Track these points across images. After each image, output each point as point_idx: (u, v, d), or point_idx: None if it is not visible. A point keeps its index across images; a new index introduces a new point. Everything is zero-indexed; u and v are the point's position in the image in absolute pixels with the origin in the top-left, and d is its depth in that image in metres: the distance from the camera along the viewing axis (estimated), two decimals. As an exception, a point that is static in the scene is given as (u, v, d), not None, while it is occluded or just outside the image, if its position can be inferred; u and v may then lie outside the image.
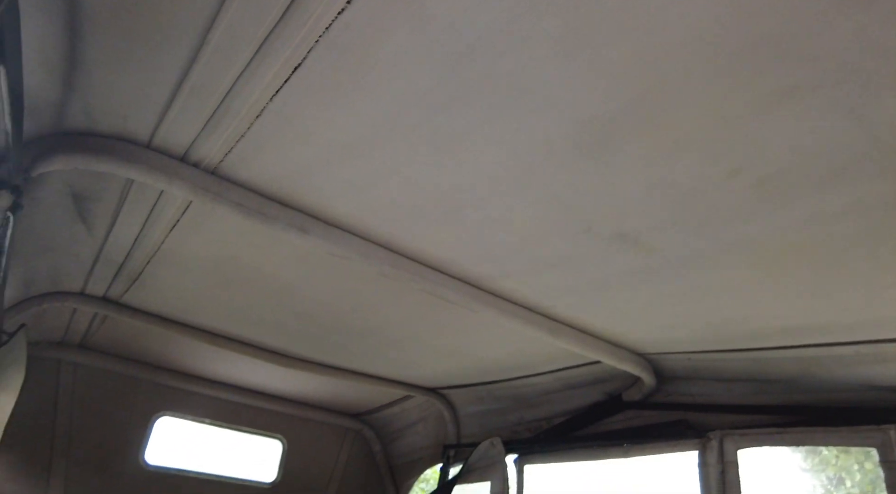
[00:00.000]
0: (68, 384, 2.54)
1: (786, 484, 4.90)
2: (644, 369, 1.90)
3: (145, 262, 1.67)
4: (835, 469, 4.85)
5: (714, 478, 1.78)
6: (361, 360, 2.44)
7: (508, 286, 1.51)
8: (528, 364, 2.19)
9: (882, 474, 1.45)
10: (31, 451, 2.40)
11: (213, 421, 2.92)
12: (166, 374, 2.75)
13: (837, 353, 1.49)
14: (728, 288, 1.26)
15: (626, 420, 2.13)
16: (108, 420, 2.61)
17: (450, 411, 2.87)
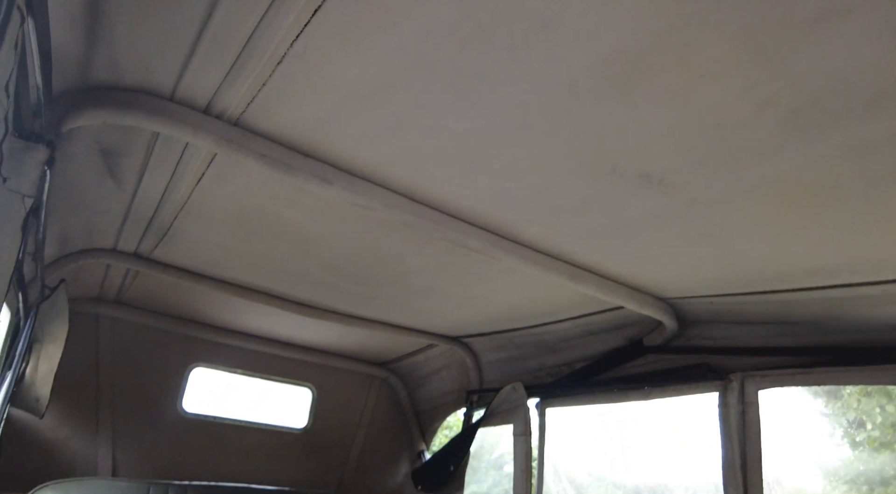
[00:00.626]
0: (107, 338, 2.66)
1: (806, 428, 4.98)
2: (666, 313, 1.92)
3: (173, 216, 1.71)
4: (856, 412, 4.89)
5: (734, 418, 1.81)
6: (386, 310, 2.50)
7: (530, 233, 1.52)
8: (549, 311, 2.22)
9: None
10: (80, 400, 2.55)
11: (245, 371, 3.04)
12: (198, 327, 2.86)
13: (864, 293, 1.48)
14: (755, 228, 1.25)
15: (647, 364, 2.16)
16: (146, 372, 2.74)
17: (472, 358, 2.94)
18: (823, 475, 4.94)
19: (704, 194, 1.13)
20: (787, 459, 4.73)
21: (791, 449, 4.80)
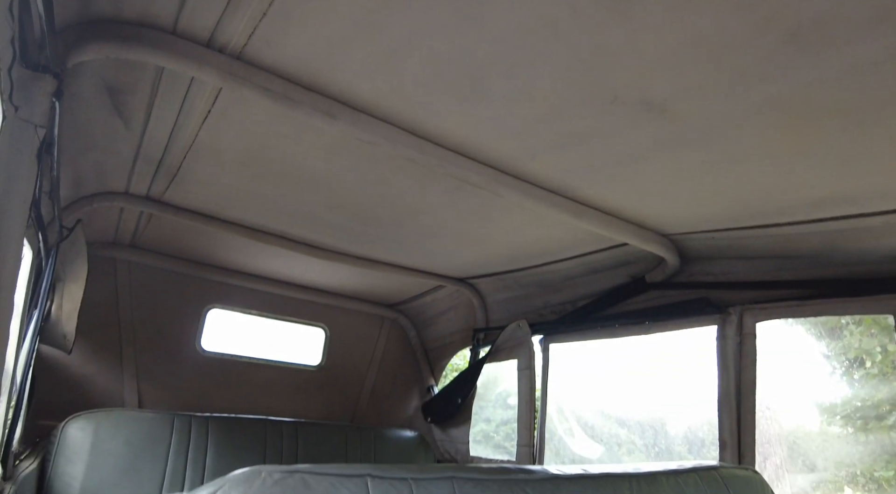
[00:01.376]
0: (125, 281, 2.75)
1: (808, 367, 5.16)
2: (668, 249, 1.94)
3: (182, 157, 1.74)
4: (857, 352, 5.02)
5: (731, 349, 1.88)
6: (394, 251, 2.55)
7: (533, 168, 1.53)
8: (553, 250, 2.26)
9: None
10: (103, 339, 2.67)
11: (260, 312, 3.15)
12: (213, 270, 2.95)
13: (865, 225, 1.49)
14: (755, 157, 1.26)
15: (649, 300, 2.21)
16: (165, 313, 2.85)
17: (478, 298, 3.02)
18: (821, 410, 5.14)
19: (704, 121, 1.13)
20: (784, 393, 4.95)
21: (788, 384, 5.01)
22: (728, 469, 1.44)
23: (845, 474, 5.16)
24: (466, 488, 0.95)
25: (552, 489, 1.06)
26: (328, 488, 0.81)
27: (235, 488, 0.73)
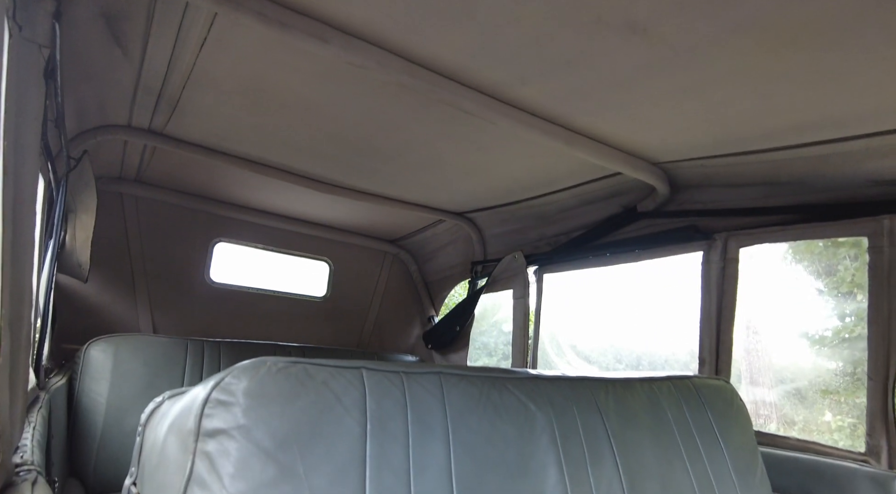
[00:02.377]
0: (133, 215, 2.84)
1: (782, 279, 5.46)
2: (658, 178, 1.99)
3: (181, 87, 1.77)
4: (849, 286, 5.25)
5: (715, 274, 1.96)
6: (393, 185, 2.60)
7: (524, 95, 1.56)
8: (548, 181, 2.31)
9: (868, 259, 1.59)
10: (116, 270, 2.79)
11: (265, 246, 3.25)
12: (218, 205, 3.03)
13: (846, 149, 1.53)
14: (737, 78, 1.28)
15: (640, 229, 2.29)
16: (173, 246, 2.96)
17: (476, 232, 3.10)
18: (811, 341, 5.39)
19: (686, 42, 1.16)
20: (766, 312, 5.25)
21: (770, 303, 5.29)
22: (701, 379, 1.56)
23: (829, 402, 5.48)
24: (453, 381, 1.06)
25: (531, 386, 1.17)
26: (327, 377, 0.91)
27: (243, 374, 0.83)
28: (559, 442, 1.12)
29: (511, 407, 1.10)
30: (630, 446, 1.24)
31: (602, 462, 1.16)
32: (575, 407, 1.20)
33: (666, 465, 1.28)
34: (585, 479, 1.12)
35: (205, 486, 0.74)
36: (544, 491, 1.05)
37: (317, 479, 0.81)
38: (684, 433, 1.37)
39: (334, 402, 0.88)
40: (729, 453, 1.43)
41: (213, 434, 0.77)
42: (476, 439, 1.01)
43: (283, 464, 0.78)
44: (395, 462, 0.90)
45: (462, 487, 0.95)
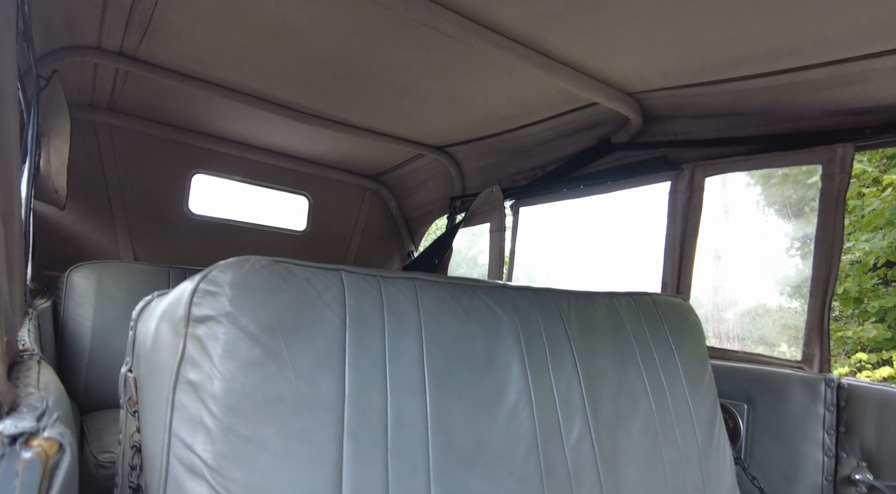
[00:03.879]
0: (107, 144, 2.80)
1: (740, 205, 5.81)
2: (632, 108, 2.04)
3: (153, 4, 1.73)
4: (804, 217, 5.63)
5: (681, 203, 2.05)
6: (373, 116, 2.60)
7: (501, 16, 1.56)
8: (525, 113, 2.34)
9: (820, 185, 1.68)
10: (94, 200, 2.78)
11: (244, 179, 3.25)
12: (195, 136, 2.99)
13: (808, 77, 1.59)
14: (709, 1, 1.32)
15: (613, 161, 2.35)
16: (151, 177, 2.94)
17: (455, 167, 3.13)
18: (758, 245, 5.80)
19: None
20: (731, 239, 5.59)
21: (733, 231, 5.62)
22: (660, 296, 1.67)
23: (787, 336, 5.84)
24: (426, 286, 1.14)
25: (499, 293, 1.26)
26: (308, 275, 0.98)
27: (228, 268, 0.89)
28: (523, 343, 1.22)
29: (479, 310, 1.19)
30: (588, 350, 1.35)
31: (562, 362, 1.27)
32: (539, 313, 1.29)
33: (621, 369, 1.40)
34: (546, 376, 1.23)
35: (196, 364, 0.81)
36: (508, 384, 1.16)
37: (300, 362, 0.89)
38: (640, 342, 1.49)
39: (315, 297, 0.95)
40: (681, 361, 1.57)
41: (202, 319, 0.84)
42: (446, 335, 1.10)
43: (268, 348, 0.86)
44: (372, 352, 0.98)
45: (433, 376, 1.05)
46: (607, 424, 1.29)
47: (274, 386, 0.85)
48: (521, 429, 1.13)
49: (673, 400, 1.48)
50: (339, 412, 0.90)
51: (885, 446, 1.46)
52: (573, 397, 1.25)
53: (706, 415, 1.56)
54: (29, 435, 0.47)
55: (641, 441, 1.34)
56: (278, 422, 0.83)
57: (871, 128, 1.61)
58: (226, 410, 0.80)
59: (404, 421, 0.97)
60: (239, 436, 0.80)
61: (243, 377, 0.82)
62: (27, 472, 0.45)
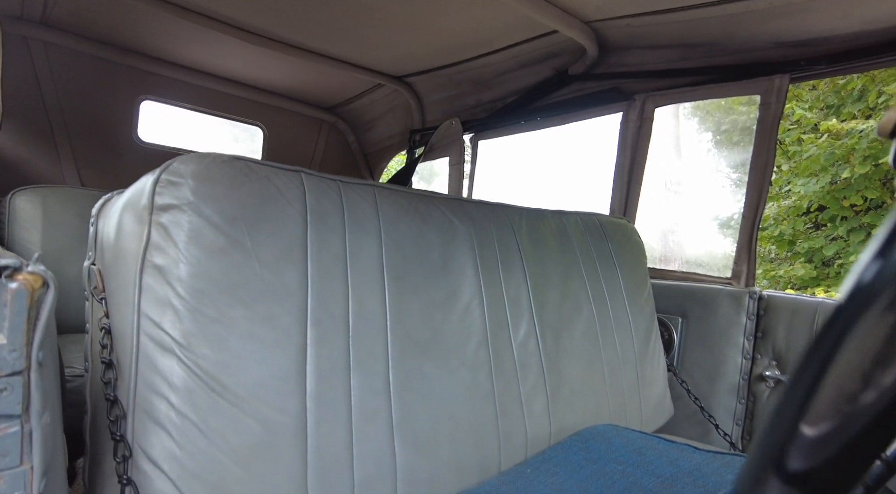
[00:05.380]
0: (44, 64, 2.63)
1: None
2: (589, 38, 2.07)
3: None
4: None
5: (631, 133, 2.14)
6: (328, 40, 2.53)
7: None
8: (485, 40, 2.33)
9: (758, 114, 1.79)
10: (32, 123, 2.63)
11: (195, 107, 3.13)
12: (141, 59, 2.84)
13: (755, 7, 1.66)
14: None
15: (570, 93, 2.40)
16: (95, 101, 2.80)
17: (415, 99, 3.11)
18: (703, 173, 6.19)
19: None
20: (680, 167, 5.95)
21: (682, 163, 5.97)
22: (606, 217, 1.78)
23: (723, 257, 6.29)
24: (385, 193, 1.19)
25: (455, 205, 1.32)
26: (269, 173, 1.00)
27: (189, 161, 0.91)
28: (476, 250, 1.29)
29: (436, 218, 1.25)
30: (537, 260, 1.44)
31: (512, 269, 1.36)
32: (492, 225, 1.37)
33: (566, 279, 1.51)
34: (497, 280, 1.32)
35: (161, 250, 0.84)
36: (462, 286, 1.24)
37: (264, 253, 0.93)
38: (585, 256, 1.60)
39: (276, 194, 0.98)
40: (623, 276, 1.69)
41: (166, 208, 0.86)
42: (405, 239, 1.16)
43: (232, 237, 0.90)
44: (333, 249, 1.03)
45: (391, 274, 1.11)
46: (552, 326, 1.40)
47: (239, 273, 0.89)
48: (472, 325, 1.22)
49: (613, 309, 1.60)
50: (303, 300, 0.96)
51: (793, 346, 1.65)
52: (521, 300, 1.34)
53: (643, 325, 1.71)
54: (13, 270, 0.50)
55: (583, 343, 1.47)
56: (244, 307, 0.88)
57: (805, 60, 1.71)
58: (193, 292, 0.84)
59: (364, 312, 1.04)
60: (206, 317, 0.84)
61: (209, 263, 0.86)
62: (15, 300, 0.49)
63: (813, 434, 0.22)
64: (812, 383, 0.21)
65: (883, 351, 0.19)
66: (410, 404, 1.05)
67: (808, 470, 0.23)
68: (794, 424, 0.22)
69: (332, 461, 0.93)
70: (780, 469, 0.23)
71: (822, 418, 0.21)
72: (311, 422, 0.91)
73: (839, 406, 0.21)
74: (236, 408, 0.84)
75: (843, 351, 0.20)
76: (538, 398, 1.29)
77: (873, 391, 0.20)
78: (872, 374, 0.19)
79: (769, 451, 0.24)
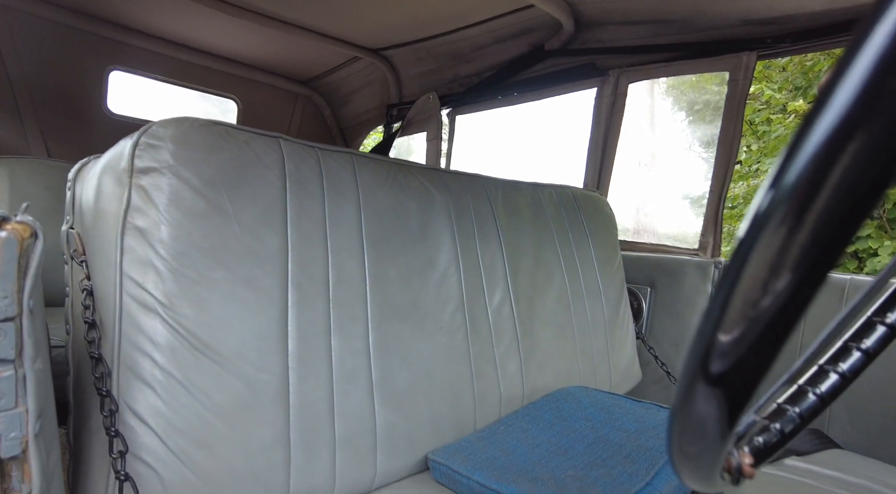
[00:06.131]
0: (5, 30, 2.54)
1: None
2: (565, 13, 2.09)
3: None
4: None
5: (605, 108, 2.18)
6: (305, 11, 2.50)
7: None
8: (461, 13, 2.33)
9: (727, 90, 1.85)
10: (-6, 92, 2.55)
11: (167, 78, 3.06)
12: (111, 27, 2.76)
13: (724, -16, 1.70)
14: None
15: (545, 68, 2.42)
16: (61, 71, 2.71)
17: (392, 73, 3.09)
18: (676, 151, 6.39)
19: None
20: (654, 144, 6.12)
21: (656, 139, 6.12)
22: (579, 190, 1.83)
23: (693, 231, 6.51)
24: (363, 161, 1.20)
25: (433, 175, 1.34)
26: (247, 138, 1.01)
27: (168, 124, 0.91)
28: (454, 219, 1.32)
29: (414, 187, 1.27)
30: (512, 230, 1.48)
31: (488, 238, 1.40)
32: (469, 195, 1.40)
33: (540, 248, 1.56)
34: (473, 249, 1.35)
35: (142, 212, 0.85)
36: (439, 253, 1.27)
37: (244, 217, 0.94)
38: (558, 226, 1.64)
39: (255, 159, 0.99)
40: (594, 246, 1.75)
41: (146, 171, 0.87)
42: (383, 207, 1.18)
43: (212, 201, 0.91)
44: (312, 214, 1.05)
45: (370, 241, 1.13)
46: (525, 292, 1.45)
47: (220, 236, 0.90)
48: (449, 291, 1.26)
49: (585, 278, 1.66)
50: (283, 264, 0.98)
51: (754, 312, 1.73)
52: (496, 267, 1.39)
53: (614, 294, 1.77)
54: (2, 220, 0.51)
55: (555, 310, 1.52)
56: (225, 269, 0.90)
57: (772, 37, 1.76)
58: (174, 254, 0.85)
59: (344, 277, 1.07)
60: (188, 278, 0.86)
61: (190, 226, 0.87)
62: (5, 248, 0.50)
63: (727, 340, 0.26)
64: (725, 297, 0.25)
65: (776, 262, 0.23)
66: (389, 365, 1.09)
67: (725, 371, 0.27)
68: (712, 334, 0.26)
69: (313, 418, 0.96)
70: (704, 374, 0.28)
71: (733, 325, 0.25)
72: (293, 381, 0.94)
73: (746, 313, 0.25)
74: (220, 367, 0.87)
75: (748, 267, 0.24)
76: (512, 361, 1.34)
77: (770, 296, 0.24)
78: (769, 282, 0.23)
79: (695, 361, 0.28)
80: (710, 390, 0.28)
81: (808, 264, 0.22)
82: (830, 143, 0.20)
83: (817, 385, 0.49)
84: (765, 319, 0.24)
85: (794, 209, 0.21)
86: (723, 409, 0.29)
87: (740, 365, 0.26)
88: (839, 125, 0.20)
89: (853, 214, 0.21)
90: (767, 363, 0.26)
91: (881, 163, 0.20)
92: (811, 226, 0.22)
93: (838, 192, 0.20)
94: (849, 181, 0.20)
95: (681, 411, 0.31)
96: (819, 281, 0.23)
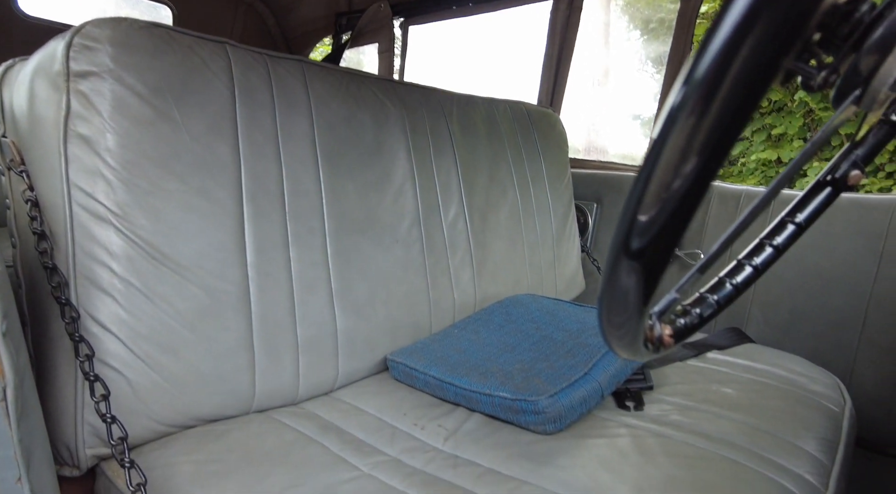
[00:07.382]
0: None
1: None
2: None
3: None
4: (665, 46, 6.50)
5: (560, 23, 2.14)
6: None
7: None
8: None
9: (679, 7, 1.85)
10: None
11: (86, -24, 2.75)
12: None
13: None
14: None
15: None
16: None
17: (342, -22, 2.90)
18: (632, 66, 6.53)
19: None
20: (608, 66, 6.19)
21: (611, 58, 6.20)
22: (533, 106, 1.84)
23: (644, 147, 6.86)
24: (314, 70, 1.17)
25: (388, 86, 1.32)
26: (191, 43, 0.96)
27: (104, 24, 0.85)
28: (409, 134, 1.32)
29: (369, 100, 1.25)
30: (467, 146, 1.50)
31: (443, 154, 1.41)
32: (424, 109, 1.39)
33: (494, 164, 1.59)
34: (429, 164, 1.37)
35: (85, 119, 0.82)
36: (395, 168, 1.28)
37: (193, 126, 0.92)
38: (512, 143, 1.67)
39: (202, 65, 0.95)
40: (545, 163, 1.79)
41: (84, 75, 0.82)
42: (337, 119, 1.17)
43: (159, 109, 0.88)
44: (263, 126, 1.03)
45: (325, 155, 1.13)
46: (479, 208, 1.49)
47: (169, 145, 0.89)
48: (406, 206, 1.28)
49: (535, 194, 1.72)
50: (237, 175, 0.97)
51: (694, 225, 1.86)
52: (451, 183, 1.42)
53: (562, 209, 1.84)
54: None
55: (507, 224, 1.59)
56: (178, 179, 0.89)
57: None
58: (124, 163, 0.84)
59: (300, 190, 1.07)
60: (140, 188, 0.85)
61: (138, 134, 0.85)
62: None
63: (645, 219, 0.30)
64: (644, 182, 0.30)
65: (685, 147, 0.27)
66: (349, 275, 1.13)
67: (644, 247, 0.32)
68: (633, 215, 0.31)
69: (275, 324, 1.00)
70: (627, 251, 0.32)
71: (650, 206, 0.30)
72: (253, 290, 0.97)
73: (660, 195, 0.29)
74: (179, 276, 0.88)
75: (663, 153, 0.28)
76: (465, 272, 1.41)
77: (680, 178, 0.28)
78: (679, 166, 0.28)
79: (619, 239, 0.33)
80: (631, 263, 0.33)
81: (712, 148, 0.27)
82: (730, 40, 0.24)
83: (734, 277, 0.57)
84: (675, 199, 0.28)
85: (702, 99, 0.25)
86: (642, 280, 0.34)
87: (656, 240, 0.31)
88: (737, 25, 0.23)
89: (748, 100, 0.25)
90: (677, 238, 0.31)
91: (770, 53, 0.24)
92: (715, 114, 0.26)
93: (736, 82, 0.25)
94: (745, 72, 0.24)
95: (608, 284, 0.36)
96: (719, 163, 0.27)
